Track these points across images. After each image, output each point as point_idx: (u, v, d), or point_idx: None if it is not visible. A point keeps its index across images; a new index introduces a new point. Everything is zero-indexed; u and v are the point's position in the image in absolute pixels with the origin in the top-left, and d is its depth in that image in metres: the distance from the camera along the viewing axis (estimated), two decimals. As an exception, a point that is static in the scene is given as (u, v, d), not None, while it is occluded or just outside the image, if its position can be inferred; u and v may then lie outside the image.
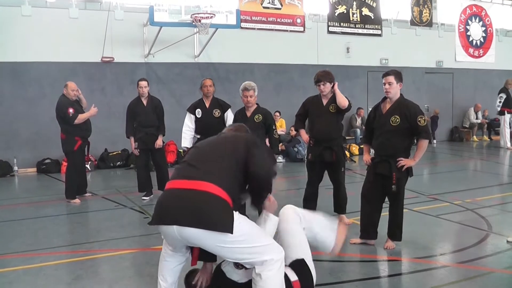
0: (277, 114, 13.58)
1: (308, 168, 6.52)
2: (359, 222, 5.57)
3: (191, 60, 13.38)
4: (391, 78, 5.11)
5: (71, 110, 7.83)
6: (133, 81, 12.17)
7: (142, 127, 8.10)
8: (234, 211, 3.18)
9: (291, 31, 14.54)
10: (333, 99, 6.19)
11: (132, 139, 8.16)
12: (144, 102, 8.16)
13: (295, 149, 12.81)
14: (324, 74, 6.19)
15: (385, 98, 5.28)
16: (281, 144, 12.82)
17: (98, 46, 12.01)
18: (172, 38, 12.38)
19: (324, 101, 6.26)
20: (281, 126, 13.75)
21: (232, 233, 3.06)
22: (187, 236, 3.12)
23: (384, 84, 5.15)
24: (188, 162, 3.39)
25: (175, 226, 3.11)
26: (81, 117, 7.93)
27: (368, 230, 5.37)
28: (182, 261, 3.57)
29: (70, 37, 11.85)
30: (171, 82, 13.06)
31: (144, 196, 8.19)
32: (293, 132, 13.02)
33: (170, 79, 13.13)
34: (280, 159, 12.76)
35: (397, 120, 5.06)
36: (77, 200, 8.03)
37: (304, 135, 6.50)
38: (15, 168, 11.48)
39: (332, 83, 6.17)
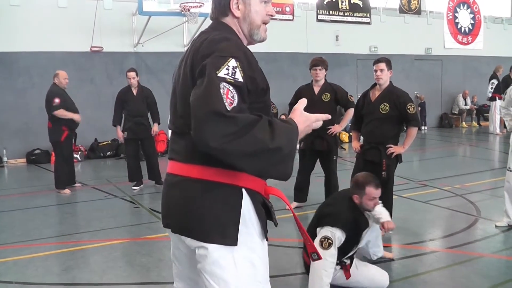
0: (268, 102, 13.53)
1: (300, 156, 6.48)
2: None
3: (181, 49, 13.22)
4: (383, 65, 5.11)
5: (57, 100, 7.75)
6: (122, 71, 12.08)
7: (131, 117, 8.06)
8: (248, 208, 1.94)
9: (280, 19, 14.30)
10: (325, 88, 6.17)
11: (119, 127, 8.10)
12: (134, 92, 8.12)
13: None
14: (322, 60, 6.23)
15: (374, 85, 5.28)
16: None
17: (87, 36, 11.91)
18: (161, 27, 12.27)
19: (316, 90, 6.21)
20: (271, 115, 13.63)
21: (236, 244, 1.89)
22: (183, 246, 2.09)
23: (376, 71, 5.14)
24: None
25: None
26: (63, 113, 7.79)
27: None
28: None
29: (59, 27, 11.72)
30: (161, 72, 12.93)
31: (134, 186, 8.12)
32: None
33: (160, 68, 13.01)
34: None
35: (387, 108, 5.08)
36: (67, 191, 7.96)
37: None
38: (5, 159, 11.37)
39: (326, 72, 6.21)
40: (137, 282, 4.22)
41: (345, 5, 15.35)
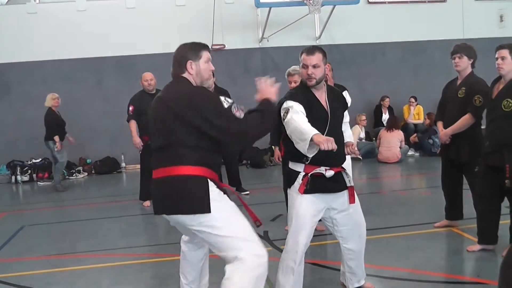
0: (413, 100, 12.49)
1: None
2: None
3: (312, 42, 12.50)
4: (505, 52, 4.63)
5: (130, 108, 7.40)
6: (247, 69, 12.14)
7: None
8: (213, 189, 3.05)
9: (428, 1, 13.13)
10: (466, 81, 5.31)
11: None
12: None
13: (430, 140, 11.57)
14: (462, 46, 5.44)
15: (499, 78, 4.77)
16: (414, 134, 11.90)
17: (207, 34, 11.60)
18: (288, 18, 11.73)
19: (458, 83, 5.43)
20: (418, 114, 12.52)
21: (209, 211, 2.97)
22: (176, 223, 3.20)
23: (497, 58, 4.69)
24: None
25: (165, 216, 3.20)
26: (131, 128, 7.40)
27: (485, 234, 4.79)
28: (201, 258, 3.50)
29: (177, 26, 11.60)
30: (290, 69, 12.02)
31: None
32: (427, 121, 11.91)
33: (289, 65, 11.67)
34: (411, 152, 11.77)
35: (510, 104, 4.55)
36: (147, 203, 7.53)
37: (441, 128, 5.60)
38: (123, 164, 11.70)
39: (472, 60, 5.31)
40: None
41: (513, -24, 13.72)
